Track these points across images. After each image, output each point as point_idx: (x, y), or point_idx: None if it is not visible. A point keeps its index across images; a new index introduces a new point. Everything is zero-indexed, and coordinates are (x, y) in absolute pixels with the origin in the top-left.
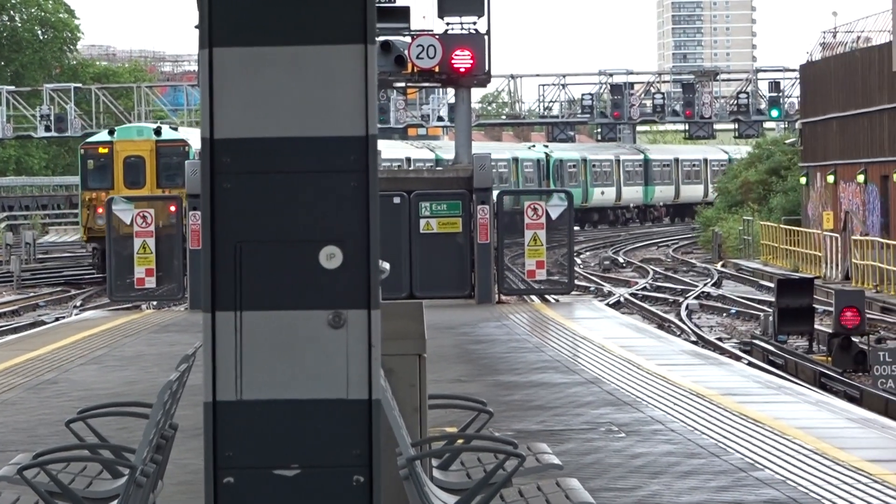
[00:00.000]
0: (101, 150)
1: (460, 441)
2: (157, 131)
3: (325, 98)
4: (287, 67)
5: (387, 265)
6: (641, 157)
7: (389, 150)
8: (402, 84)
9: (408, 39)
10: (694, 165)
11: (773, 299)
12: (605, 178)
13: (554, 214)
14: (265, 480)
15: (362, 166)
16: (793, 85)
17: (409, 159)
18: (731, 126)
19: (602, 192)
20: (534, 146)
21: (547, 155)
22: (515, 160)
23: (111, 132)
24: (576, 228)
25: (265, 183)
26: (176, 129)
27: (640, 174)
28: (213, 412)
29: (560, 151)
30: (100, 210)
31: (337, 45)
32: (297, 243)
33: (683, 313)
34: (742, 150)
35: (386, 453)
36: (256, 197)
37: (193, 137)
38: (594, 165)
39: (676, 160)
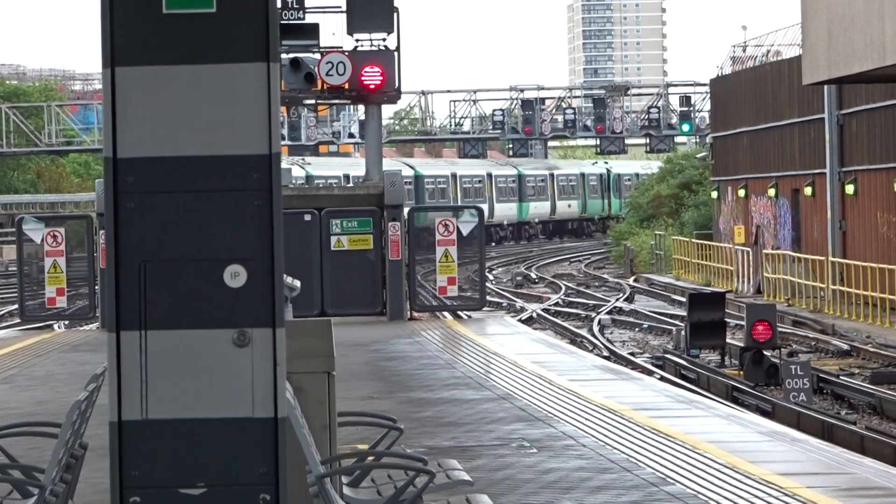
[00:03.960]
0: None
1: (370, 458)
2: None
3: (228, 117)
4: (190, 86)
5: (297, 283)
6: None
7: (469, 167)
8: (313, 101)
9: (317, 56)
10: None
11: (685, 314)
12: None
13: (465, 231)
14: (171, 499)
15: (265, 185)
16: (703, 99)
17: (490, 175)
18: (643, 141)
19: None
20: (596, 163)
21: (608, 170)
22: (582, 175)
23: None
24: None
25: (169, 202)
26: None
27: None
28: (118, 432)
29: (618, 167)
30: None
31: (239, 64)
32: (202, 262)
33: (596, 328)
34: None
35: (296, 471)
36: (160, 216)
37: None
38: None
39: None
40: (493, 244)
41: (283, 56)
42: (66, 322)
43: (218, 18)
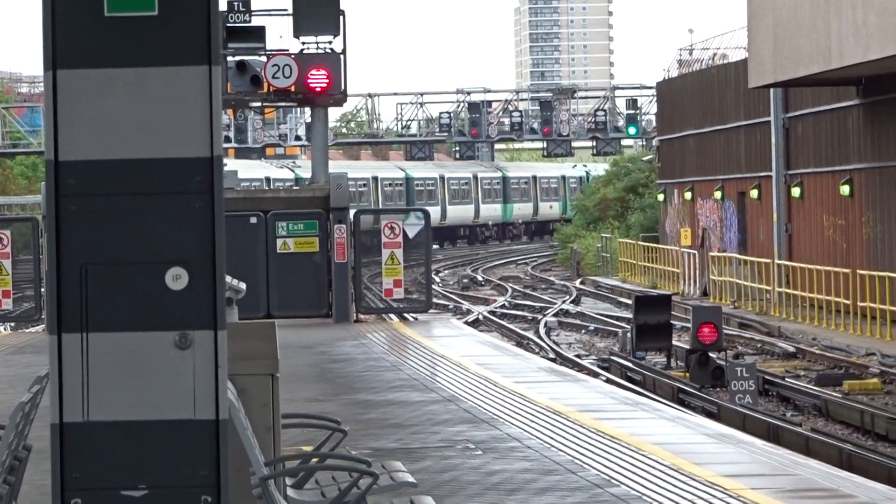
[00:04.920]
0: None
1: (315, 460)
2: None
3: (170, 119)
4: (132, 89)
5: (243, 285)
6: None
7: (457, 170)
8: (259, 103)
9: (264, 59)
10: None
11: (631, 316)
12: None
13: (411, 233)
14: (113, 501)
15: (207, 187)
16: (650, 102)
17: (476, 177)
18: (589, 143)
19: None
20: (576, 165)
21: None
22: (563, 178)
23: None
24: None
25: (110, 205)
26: None
27: None
28: (59, 434)
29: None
30: None
31: (182, 67)
32: (143, 265)
33: (542, 330)
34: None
35: (240, 473)
36: (102, 219)
37: None
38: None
39: None
40: (479, 243)
41: (230, 59)
42: (12, 324)
43: (160, 21)
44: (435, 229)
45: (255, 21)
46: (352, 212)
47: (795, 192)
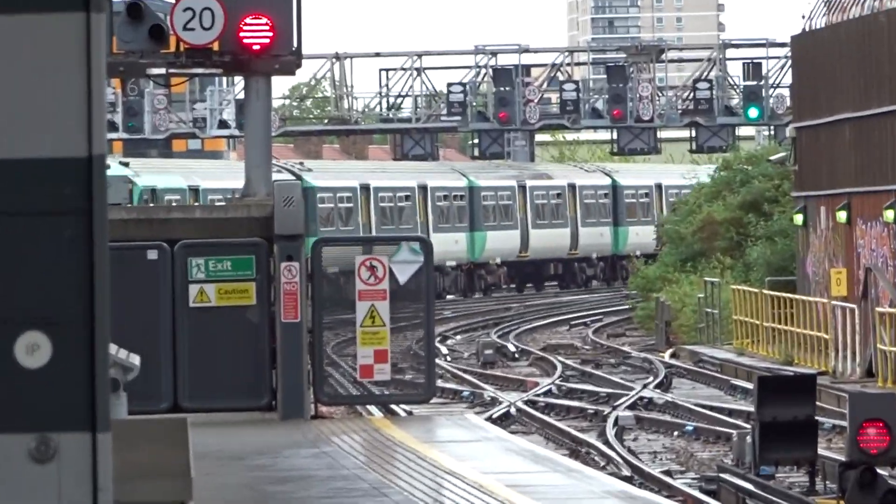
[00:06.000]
0: None
1: None
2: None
3: (24, 98)
4: None
5: (137, 360)
6: None
7: (542, 175)
8: (162, 70)
9: (171, 1)
10: None
11: (753, 409)
12: None
13: (403, 276)
14: None
15: (82, 205)
16: (782, 68)
17: (573, 186)
18: (685, 133)
19: None
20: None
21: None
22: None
23: None
24: None
25: None
26: (126, 165)
27: None
28: None
29: None
30: None
31: (42, 15)
32: None
33: (610, 432)
34: None
35: None
36: None
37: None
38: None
39: None
40: (577, 287)
41: (117, 0)
42: None
43: None
44: (511, 265)
45: None
46: (310, 241)
47: None
